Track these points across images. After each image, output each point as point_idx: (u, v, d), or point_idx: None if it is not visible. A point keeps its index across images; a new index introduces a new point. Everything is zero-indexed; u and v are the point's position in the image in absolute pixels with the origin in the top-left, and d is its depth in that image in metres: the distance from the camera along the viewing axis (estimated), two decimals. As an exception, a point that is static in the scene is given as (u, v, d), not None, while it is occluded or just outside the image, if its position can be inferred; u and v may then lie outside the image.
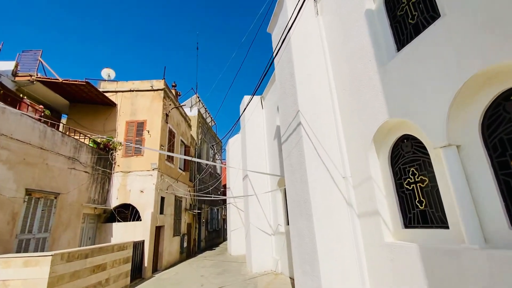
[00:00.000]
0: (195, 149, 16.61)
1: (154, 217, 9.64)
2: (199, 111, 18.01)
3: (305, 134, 4.97)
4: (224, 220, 24.32)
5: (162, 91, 11.26)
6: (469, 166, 2.98)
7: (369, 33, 4.46)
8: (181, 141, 13.60)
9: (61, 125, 10.50)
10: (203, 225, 17.24)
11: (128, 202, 9.75)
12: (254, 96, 11.03)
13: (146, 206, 9.60)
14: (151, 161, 10.16)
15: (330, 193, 4.69)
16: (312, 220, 4.48)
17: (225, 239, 22.93)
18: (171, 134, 12.04)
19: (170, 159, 11.67)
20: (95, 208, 8.99)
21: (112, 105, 10.96)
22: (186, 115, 14.80)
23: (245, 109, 10.12)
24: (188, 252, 13.74)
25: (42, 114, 8.29)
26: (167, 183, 11.17)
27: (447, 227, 3.25)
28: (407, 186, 3.91)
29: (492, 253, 2.60)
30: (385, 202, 4.19)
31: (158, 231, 10.39)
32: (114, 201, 9.74)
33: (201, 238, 16.74)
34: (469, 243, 2.80)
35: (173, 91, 13.70)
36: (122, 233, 9.27)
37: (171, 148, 11.90)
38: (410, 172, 3.86)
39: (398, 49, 4.03)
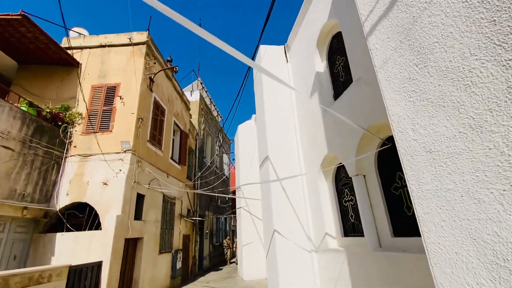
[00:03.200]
0: (196, 140, 13.21)
1: (123, 223, 6.13)
2: (201, 96, 14.76)
3: None
4: (234, 232, 20.48)
5: (144, 46, 8.03)
6: None
7: None
8: (175, 123, 10.24)
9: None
10: (206, 237, 13.54)
11: (84, 201, 6.30)
12: (275, 46, 7.68)
13: (110, 206, 6.11)
14: (123, 138, 6.77)
15: None
16: None
17: (234, 256, 19.02)
18: (158, 109, 8.68)
19: (155, 141, 8.26)
20: (25, 208, 5.57)
21: (74, 64, 7.77)
22: (183, 93, 11.50)
23: (253, 59, 6.70)
24: (184, 275, 10.03)
25: None
26: (150, 175, 7.71)
27: None
28: None
29: None
30: None
31: (132, 245, 6.84)
32: (63, 199, 6.31)
33: (204, 255, 12.99)
34: None
35: (168, 65, 10.50)
36: (72, 248, 5.78)
37: (158, 127, 8.53)
38: None
39: None
